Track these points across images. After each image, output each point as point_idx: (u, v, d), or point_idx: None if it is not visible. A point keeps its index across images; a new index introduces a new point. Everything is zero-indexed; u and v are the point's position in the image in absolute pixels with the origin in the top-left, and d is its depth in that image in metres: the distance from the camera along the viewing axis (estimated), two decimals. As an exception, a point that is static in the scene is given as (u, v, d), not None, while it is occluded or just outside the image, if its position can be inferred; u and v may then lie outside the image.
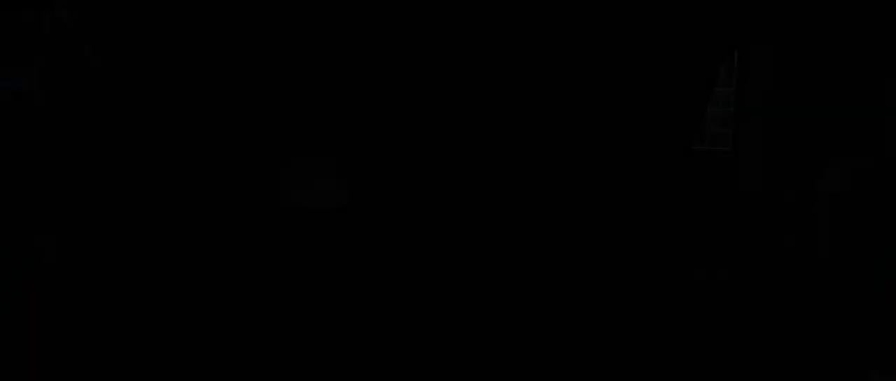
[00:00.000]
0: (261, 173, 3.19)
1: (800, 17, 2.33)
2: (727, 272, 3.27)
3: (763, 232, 2.63)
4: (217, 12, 2.52)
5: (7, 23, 1.45)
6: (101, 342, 2.26)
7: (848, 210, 1.41)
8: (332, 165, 3.17)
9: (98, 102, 1.88)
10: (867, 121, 2.20)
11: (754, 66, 2.75)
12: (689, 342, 3.48)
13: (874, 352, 1.44)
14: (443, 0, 2.83)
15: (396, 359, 3.42)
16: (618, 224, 4.19)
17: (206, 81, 3.07)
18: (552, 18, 3.54)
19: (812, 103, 1.70)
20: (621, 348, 3.41)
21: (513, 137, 4.12)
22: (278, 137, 3.45)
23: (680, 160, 3.99)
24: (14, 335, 1.59)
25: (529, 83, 4.20)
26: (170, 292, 2.62)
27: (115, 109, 2.22)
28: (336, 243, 3.56)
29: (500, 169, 4.14)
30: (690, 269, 3.91)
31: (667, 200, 3.99)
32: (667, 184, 4.01)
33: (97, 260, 2.11)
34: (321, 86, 2.99)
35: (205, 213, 3.05)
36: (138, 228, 2.54)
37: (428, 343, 3.56)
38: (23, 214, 1.57)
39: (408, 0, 2.77)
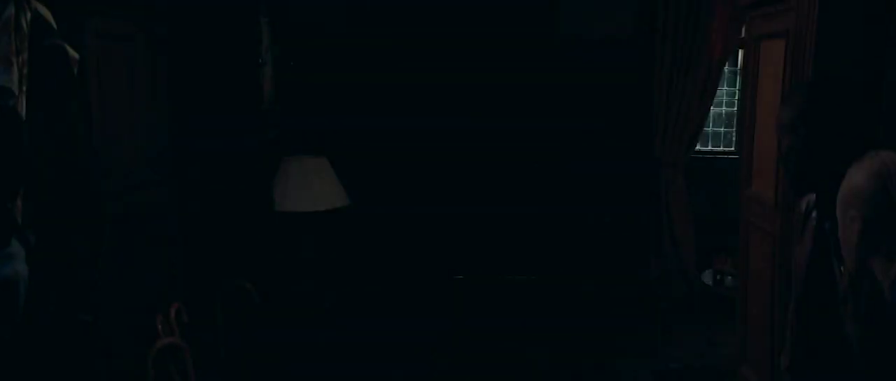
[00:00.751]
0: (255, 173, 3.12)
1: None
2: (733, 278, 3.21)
3: (767, 234, 2.58)
4: None
5: None
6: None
7: (871, 210, 1.33)
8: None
9: (77, 100, 1.80)
10: (886, 120, 2.14)
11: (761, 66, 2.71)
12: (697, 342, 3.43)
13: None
14: None
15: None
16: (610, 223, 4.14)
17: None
18: None
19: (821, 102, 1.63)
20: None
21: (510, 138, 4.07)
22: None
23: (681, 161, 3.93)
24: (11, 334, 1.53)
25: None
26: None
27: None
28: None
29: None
30: (697, 273, 3.84)
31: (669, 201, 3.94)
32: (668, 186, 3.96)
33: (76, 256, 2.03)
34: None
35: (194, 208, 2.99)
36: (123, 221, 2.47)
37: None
38: (10, 212, 1.50)
39: None
